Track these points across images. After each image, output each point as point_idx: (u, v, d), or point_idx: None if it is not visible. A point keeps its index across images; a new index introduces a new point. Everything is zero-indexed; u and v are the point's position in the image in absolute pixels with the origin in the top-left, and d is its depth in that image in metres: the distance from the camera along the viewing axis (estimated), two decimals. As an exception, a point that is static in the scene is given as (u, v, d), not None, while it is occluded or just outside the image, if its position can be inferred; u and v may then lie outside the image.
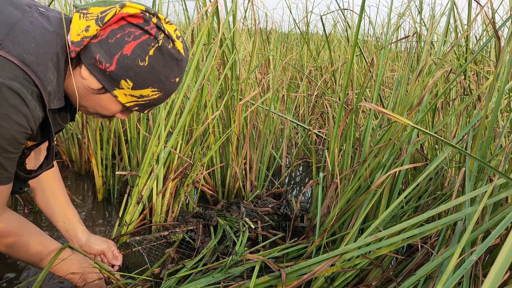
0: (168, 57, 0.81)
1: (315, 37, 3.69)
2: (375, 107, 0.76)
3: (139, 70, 0.79)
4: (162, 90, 0.84)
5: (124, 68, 0.78)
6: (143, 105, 0.86)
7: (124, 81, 0.79)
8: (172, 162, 1.47)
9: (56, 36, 0.76)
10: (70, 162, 2.07)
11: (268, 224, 1.56)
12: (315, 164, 1.50)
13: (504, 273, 0.29)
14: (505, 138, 1.23)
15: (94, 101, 0.84)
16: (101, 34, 0.77)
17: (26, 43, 0.71)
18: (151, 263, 1.26)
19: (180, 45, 0.82)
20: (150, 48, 0.78)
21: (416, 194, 1.36)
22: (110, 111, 0.87)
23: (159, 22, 0.79)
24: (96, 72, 0.79)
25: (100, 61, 0.77)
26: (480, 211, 0.76)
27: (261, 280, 1.07)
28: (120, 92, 0.81)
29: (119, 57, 0.77)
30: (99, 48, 0.77)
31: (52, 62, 0.75)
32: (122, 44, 0.77)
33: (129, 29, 0.77)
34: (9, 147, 0.73)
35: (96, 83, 0.80)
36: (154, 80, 0.81)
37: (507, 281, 0.91)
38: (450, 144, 0.77)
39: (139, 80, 0.80)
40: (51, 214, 1.12)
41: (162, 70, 0.81)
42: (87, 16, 0.76)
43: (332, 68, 2.10)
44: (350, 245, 1.01)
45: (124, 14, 0.77)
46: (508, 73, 0.98)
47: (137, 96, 0.83)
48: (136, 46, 0.77)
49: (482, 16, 1.96)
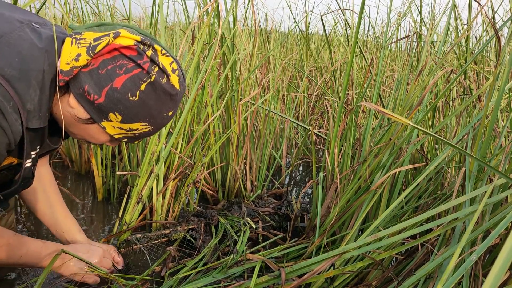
0: (161, 92, 0.77)
1: (315, 37, 3.69)
2: (375, 107, 0.76)
3: (129, 105, 0.76)
4: (153, 124, 0.81)
5: (113, 102, 0.75)
6: (133, 137, 0.84)
7: (113, 114, 0.76)
8: (172, 162, 1.47)
9: (44, 52, 0.72)
10: (70, 162, 2.07)
11: (269, 224, 1.56)
12: (315, 164, 1.50)
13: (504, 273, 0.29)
14: (505, 138, 1.23)
15: (82, 130, 0.82)
16: (92, 64, 0.73)
17: (10, 56, 0.68)
18: (152, 261, 1.26)
19: (175, 79, 0.79)
20: (141, 83, 0.75)
21: (416, 194, 1.36)
22: (97, 141, 0.85)
23: (154, 54, 0.76)
24: (84, 103, 0.75)
25: (89, 92, 0.74)
26: (480, 211, 0.77)
27: (261, 279, 1.08)
28: (109, 124, 0.78)
29: (108, 89, 0.74)
30: (89, 79, 0.73)
31: (36, 79, 0.71)
32: (112, 76, 0.73)
33: (121, 61, 0.73)
34: None
35: (84, 113, 0.77)
36: (144, 114, 0.78)
37: (507, 281, 0.91)
38: (450, 144, 0.77)
39: (128, 114, 0.77)
40: (50, 224, 1.13)
41: (153, 105, 0.78)
42: (80, 42, 0.72)
43: (332, 68, 2.10)
44: (350, 244, 1.02)
45: (117, 46, 0.73)
46: (508, 73, 0.98)
47: (126, 129, 0.80)
48: (127, 80, 0.74)
49: (482, 16, 1.96)
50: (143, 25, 3.15)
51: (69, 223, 1.14)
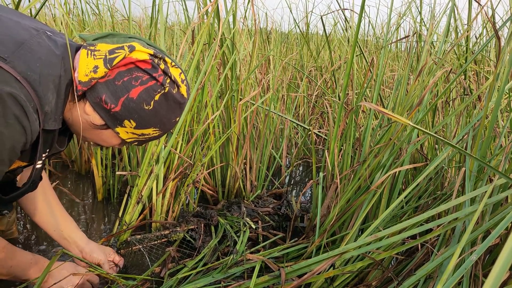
0: (172, 101, 0.84)
1: (315, 37, 3.69)
2: (375, 107, 0.76)
3: (143, 113, 0.82)
4: (162, 129, 0.88)
5: (129, 110, 0.81)
6: (142, 141, 0.90)
7: (128, 121, 0.82)
8: (172, 162, 1.47)
9: (61, 59, 0.77)
10: (70, 162, 2.07)
11: (268, 224, 1.56)
12: (315, 164, 1.50)
13: (504, 273, 0.29)
14: (505, 138, 1.23)
15: (95, 135, 0.87)
16: (109, 75, 0.79)
17: (32, 61, 0.73)
18: (151, 262, 1.26)
19: (184, 88, 0.85)
20: (156, 94, 0.81)
21: (416, 194, 1.36)
22: (109, 144, 0.90)
23: (166, 67, 0.82)
24: (101, 111, 0.81)
25: (106, 101, 0.79)
26: (480, 211, 0.77)
27: (261, 279, 1.07)
28: (122, 129, 0.84)
29: (125, 99, 0.79)
30: (106, 89, 0.79)
31: (53, 83, 0.76)
32: (129, 87, 0.79)
33: (136, 73, 0.79)
34: (7, 158, 0.73)
35: (99, 120, 0.82)
36: (156, 122, 0.85)
37: (507, 281, 0.91)
38: (450, 144, 0.77)
39: (142, 121, 0.83)
40: (47, 224, 1.13)
41: (165, 113, 0.85)
42: (95, 54, 0.78)
43: (332, 68, 2.10)
44: (350, 244, 1.02)
45: (133, 60, 0.79)
46: (508, 73, 0.98)
47: (139, 134, 0.86)
48: (142, 91, 0.80)
49: (482, 16, 1.96)
50: (143, 25, 3.15)
51: (68, 221, 1.15)
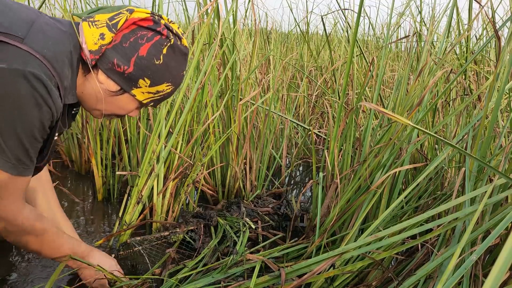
0: (179, 53, 0.88)
1: (315, 37, 3.69)
2: (375, 107, 0.76)
3: (155, 69, 0.85)
4: (174, 84, 0.91)
5: (141, 69, 0.84)
6: (158, 99, 0.92)
7: (142, 80, 0.85)
8: (172, 162, 1.47)
9: (69, 35, 0.80)
10: (70, 162, 2.07)
11: (268, 224, 1.56)
12: (315, 164, 1.50)
13: (504, 273, 0.29)
14: (505, 138, 1.23)
15: (111, 103, 0.89)
16: (114, 40, 0.82)
17: (45, 40, 0.75)
18: (151, 264, 1.26)
19: (185, 40, 0.89)
20: (163, 47, 0.84)
21: (416, 194, 1.36)
22: (126, 110, 0.92)
23: (166, 22, 0.85)
24: (114, 75, 0.84)
25: (118, 64, 0.82)
26: (480, 211, 0.77)
27: (261, 280, 1.07)
28: (138, 90, 0.87)
29: (136, 59, 0.82)
30: (115, 53, 0.82)
31: (67, 58, 0.78)
32: (137, 46, 0.82)
33: (140, 32, 0.82)
34: (38, 135, 0.76)
35: (114, 86, 0.85)
36: (168, 75, 0.88)
37: (507, 281, 0.91)
38: (450, 144, 0.77)
39: (155, 77, 0.86)
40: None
41: (175, 66, 0.88)
42: (96, 23, 0.81)
43: (332, 68, 2.10)
44: (350, 244, 1.01)
45: (136, 19, 0.82)
46: (508, 73, 0.98)
47: (154, 92, 0.89)
48: (150, 47, 0.83)
49: (482, 16, 1.96)
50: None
51: (67, 225, 1.15)
